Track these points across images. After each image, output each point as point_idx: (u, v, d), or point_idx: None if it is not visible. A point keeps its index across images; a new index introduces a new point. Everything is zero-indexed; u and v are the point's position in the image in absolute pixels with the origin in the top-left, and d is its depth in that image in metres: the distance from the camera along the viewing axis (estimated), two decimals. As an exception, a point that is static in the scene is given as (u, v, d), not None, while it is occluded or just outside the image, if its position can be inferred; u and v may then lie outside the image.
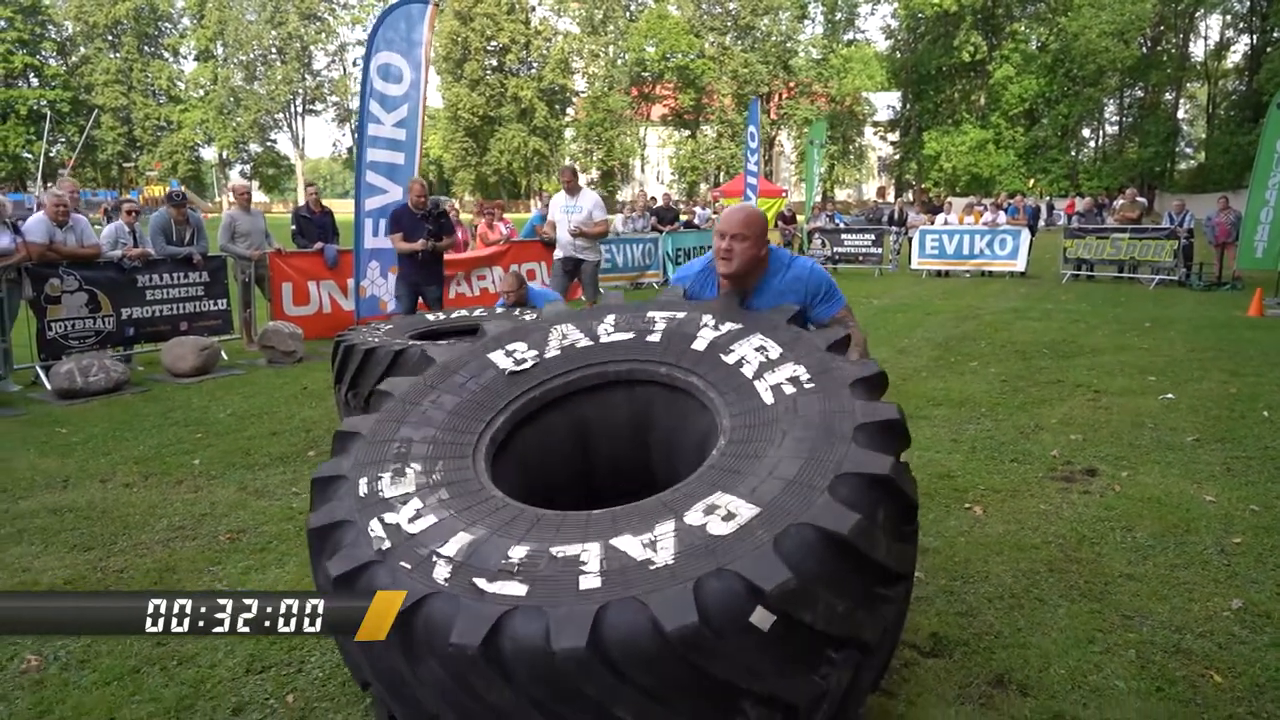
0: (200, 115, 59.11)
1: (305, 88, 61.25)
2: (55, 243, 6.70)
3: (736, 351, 2.22)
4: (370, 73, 7.10)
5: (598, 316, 2.52)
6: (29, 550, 3.43)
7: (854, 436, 1.81)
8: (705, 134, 56.72)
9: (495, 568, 1.63)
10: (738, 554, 1.55)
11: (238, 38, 58.76)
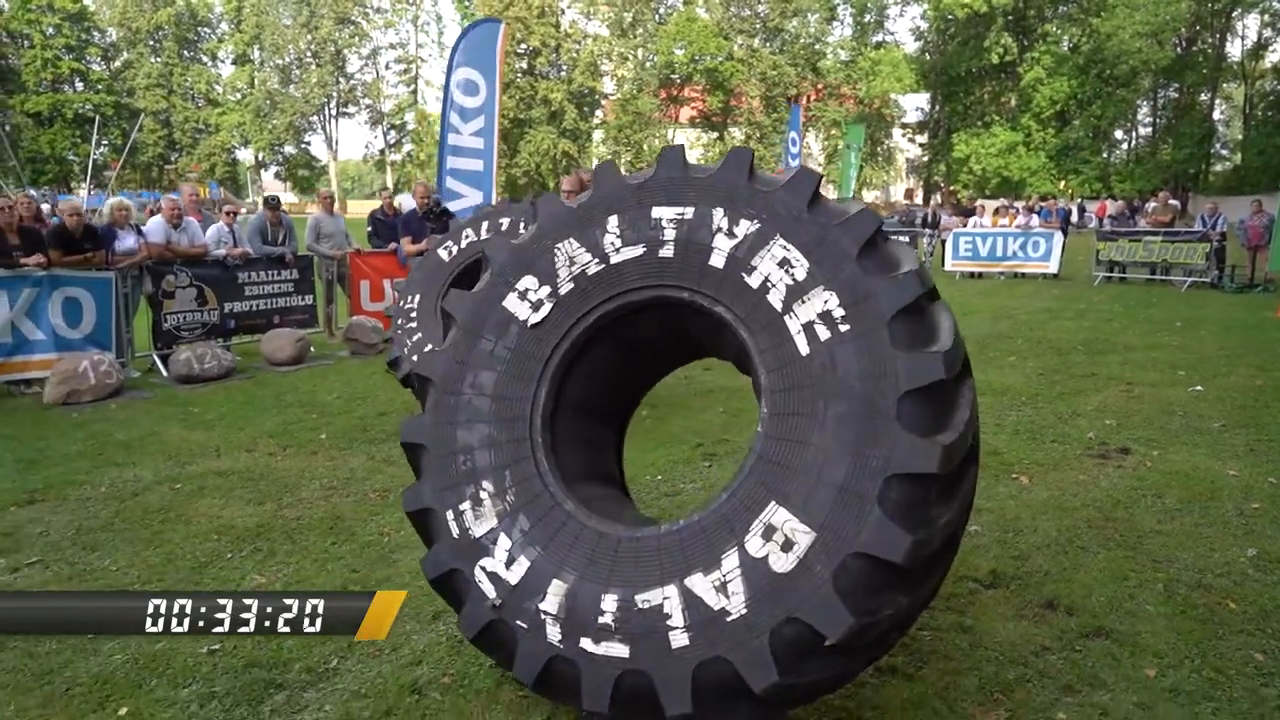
0: (237, 118, 60.44)
1: (339, 91, 62.36)
2: (171, 243, 7.38)
3: (759, 269, 2.03)
4: (451, 87, 7.72)
5: (598, 222, 2.25)
6: (214, 503, 4.05)
7: (899, 413, 1.78)
8: (733, 136, 57.14)
9: (595, 624, 1.93)
10: (802, 595, 1.75)
11: (274, 42, 60.03)
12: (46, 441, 5.22)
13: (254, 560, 3.41)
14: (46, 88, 53.98)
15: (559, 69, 57.32)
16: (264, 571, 3.30)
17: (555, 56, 56.83)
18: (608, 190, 2.26)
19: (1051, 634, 2.77)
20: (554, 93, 55.29)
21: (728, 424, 5.44)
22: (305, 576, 3.21)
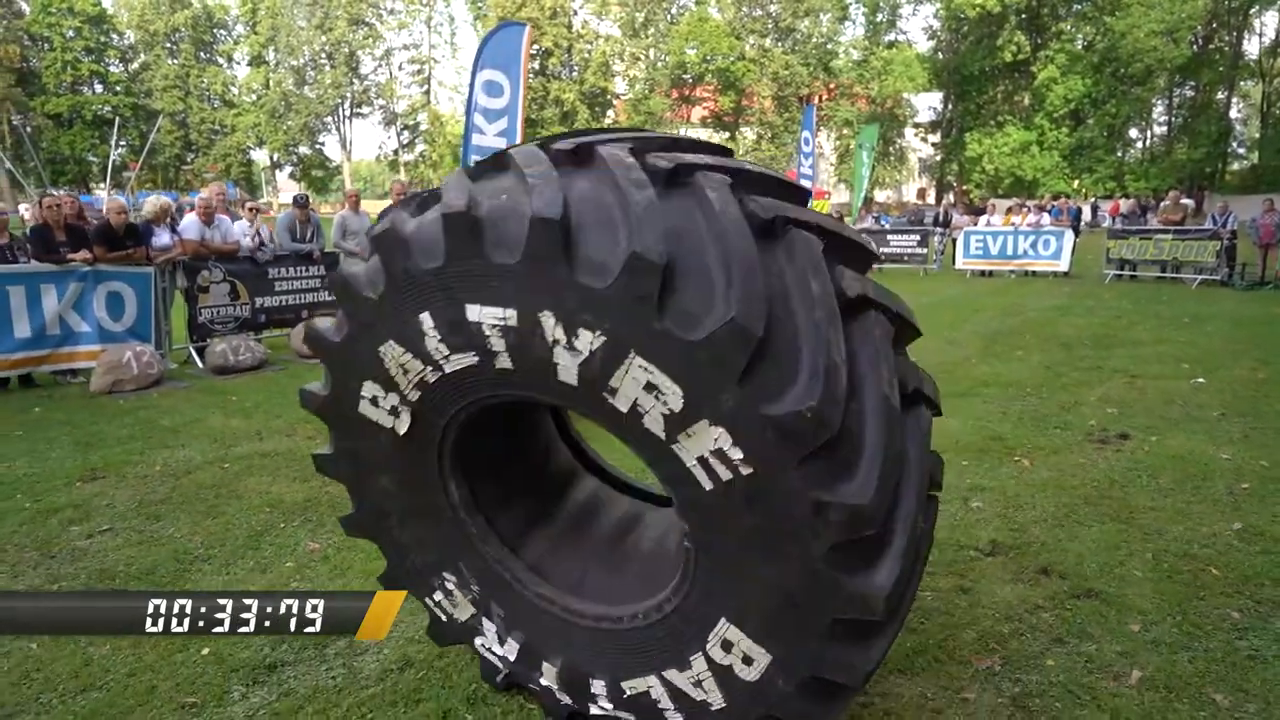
0: (253, 119, 61.01)
1: (353, 91, 62.87)
2: (205, 240, 7.68)
3: (623, 392, 1.65)
4: (475, 89, 7.98)
5: (410, 323, 1.84)
6: (263, 480, 4.33)
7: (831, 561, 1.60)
8: (745, 136, 57.33)
9: (596, 699, 2.07)
10: (774, 699, 1.80)
11: (288, 43, 60.58)
12: (98, 426, 5.51)
13: (305, 529, 3.68)
14: (66, 90, 54.72)
15: (571, 69, 57.65)
16: (315, 539, 3.57)
17: (567, 57, 57.18)
18: (403, 273, 1.81)
19: (1044, 595, 3.00)
20: (566, 93, 55.61)
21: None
22: (354, 544, 3.48)
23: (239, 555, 3.43)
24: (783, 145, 55.62)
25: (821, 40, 55.56)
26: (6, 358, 6.52)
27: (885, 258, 17.01)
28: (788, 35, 55.10)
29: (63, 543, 3.59)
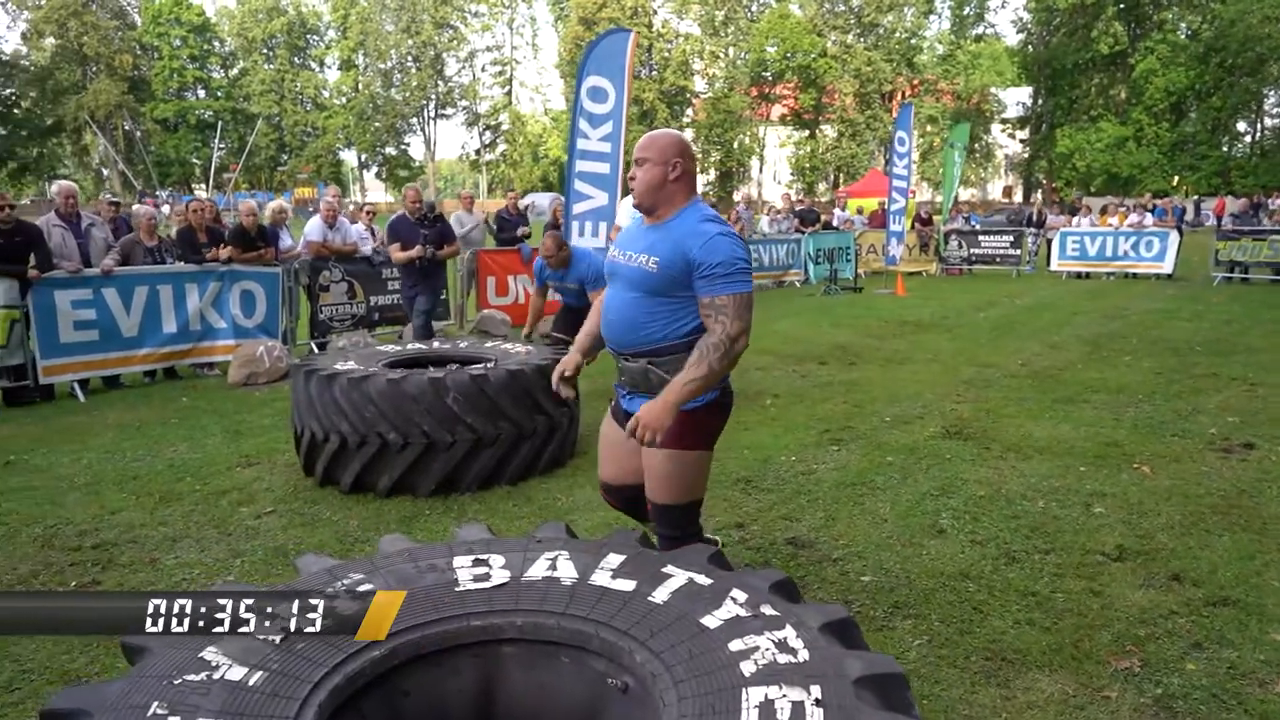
0: (342, 121, 63.20)
1: (437, 93, 64.52)
2: (327, 241, 8.14)
3: None
4: (581, 94, 8.23)
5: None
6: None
7: None
8: (825, 134, 56.67)
9: None
10: None
11: (376, 47, 62.56)
12: (242, 416, 5.95)
13: (449, 517, 3.95)
14: (172, 95, 57.74)
15: (650, 68, 57.94)
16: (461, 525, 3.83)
17: (647, 56, 57.47)
18: None
19: (1178, 601, 3.04)
20: (646, 92, 55.90)
21: (849, 413, 5.76)
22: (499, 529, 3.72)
23: (394, 538, 3.70)
24: (863, 143, 54.78)
25: (905, 35, 54.47)
26: (155, 351, 7.06)
27: (976, 259, 16.71)
28: (870, 30, 54.17)
29: (235, 522, 3.94)
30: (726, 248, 2.29)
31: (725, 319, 2.26)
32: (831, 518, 3.86)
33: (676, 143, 2.43)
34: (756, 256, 14.08)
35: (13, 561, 3.53)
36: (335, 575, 1.97)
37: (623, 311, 2.44)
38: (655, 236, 2.40)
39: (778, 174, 62.23)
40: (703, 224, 2.34)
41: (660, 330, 2.38)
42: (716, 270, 2.27)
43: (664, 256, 2.34)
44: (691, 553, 2.05)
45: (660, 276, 2.35)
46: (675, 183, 2.40)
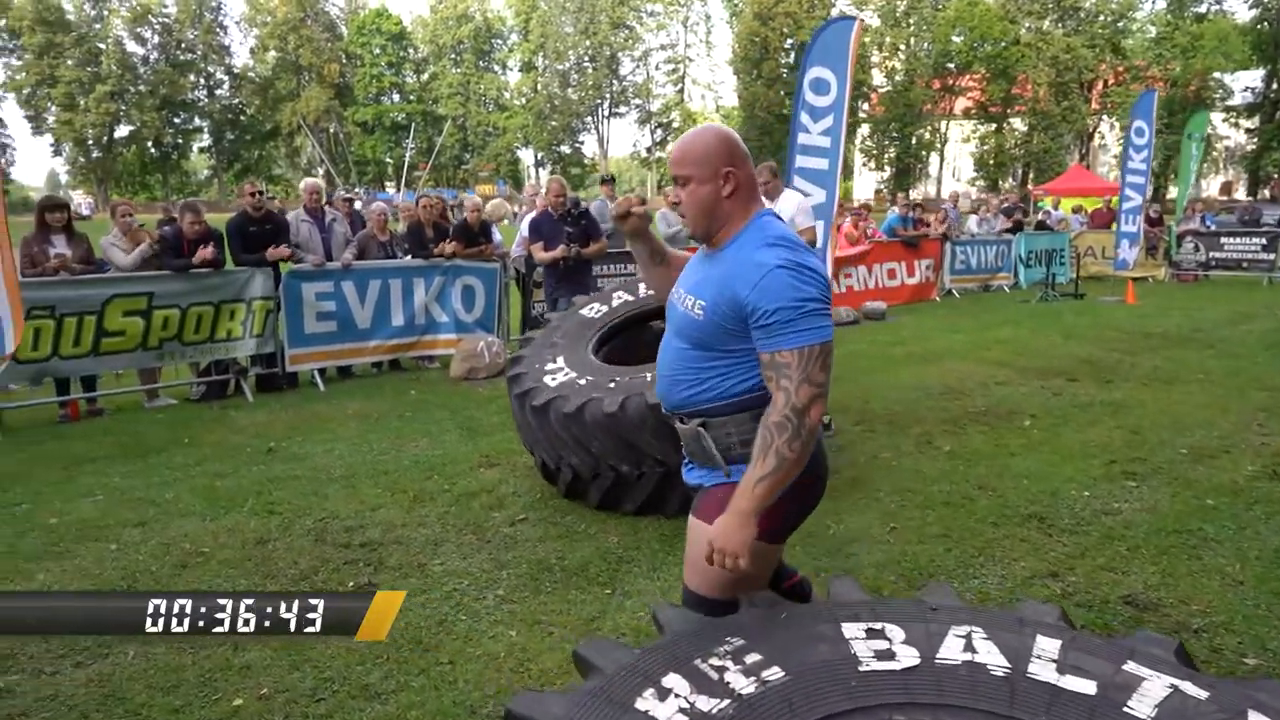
0: (521, 121, 65.69)
1: (611, 92, 65.77)
2: (542, 238, 8.17)
3: None
4: (803, 87, 7.80)
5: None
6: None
7: None
8: (1014, 127, 53.04)
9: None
10: None
11: (555, 49, 64.54)
12: (470, 412, 5.99)
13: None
14: (370, 100, 62.05)
15: (827, 62, 56.31)
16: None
17: (824, 50, 55.92)
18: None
19: None
20: (822, 87, 54.39)
21: (1130, 441, 5.03)
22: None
23: (661, 562, 3.46)
24: (1057, 136, 50.82)
25: (1111, 18, 49.96)
26: (384, 343, 7.30)
27: (1216, 263, 14.84)
28: (1070, 15, 50.10)
29: (491, 528, 3.84)
30: (788, 285, 1.68)
31: (789, 383, 1.68)
32: (1167, 574, 3.26)
33: (723, 145, 1.82)
34: (963, 258, 13.12)
35: (293, 555, 3.57)
36: (705, 637, 1.68)
37: (671, 364, 1.93)
38: (705, 272, 1.86)
39: (958, 170, 58.93)
40: (760, 252, 1.74)
41: (711, 390, 1.86)
42: (775, 317, 1.68)
43: (710, 299, 1.79)
44: (1149, 643, 1.62)
45: (707, 325, 1.81)
46: (731, 199, 1.82)
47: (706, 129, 1.86)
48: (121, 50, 54.07)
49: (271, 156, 61.54)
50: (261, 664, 2.72)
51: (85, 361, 5.98)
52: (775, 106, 55.23)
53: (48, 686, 2.60)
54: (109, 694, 2.56)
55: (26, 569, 3.47)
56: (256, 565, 3.48)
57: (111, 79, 52.71)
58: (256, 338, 6.62)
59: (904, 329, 9.70)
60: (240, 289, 6.51)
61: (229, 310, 6.48)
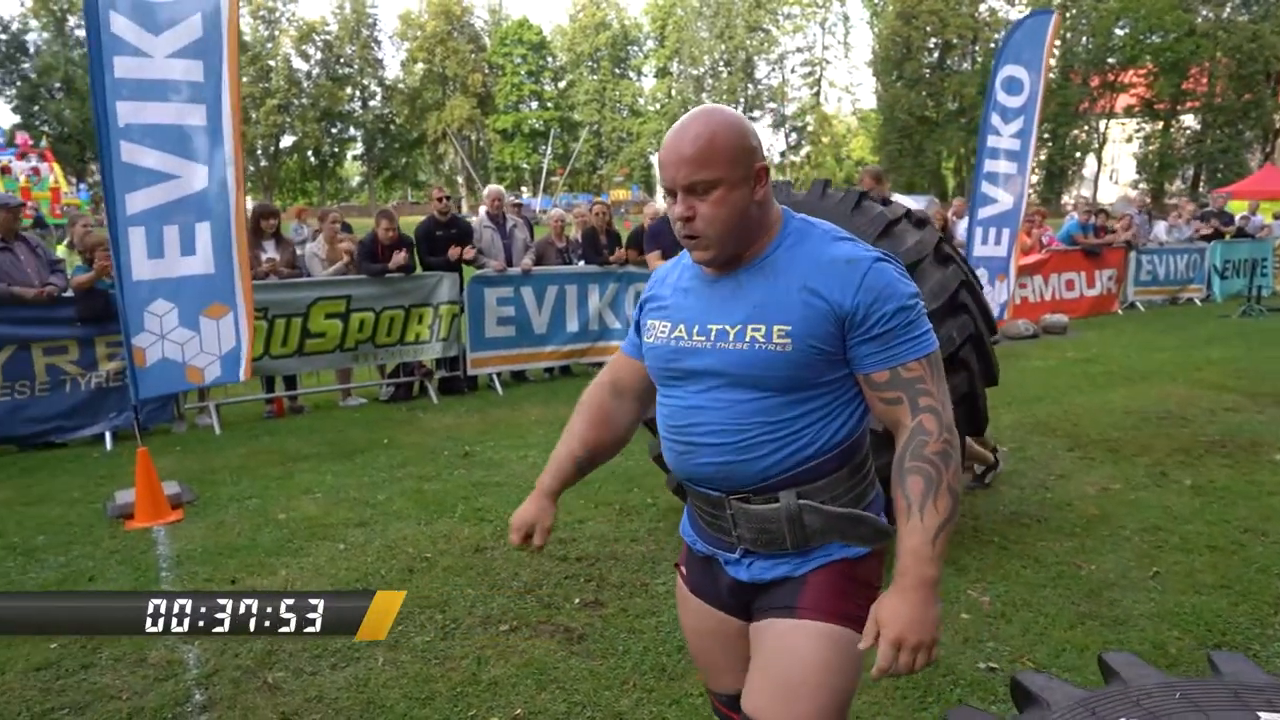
0: (655, 126, 66.20)
1: (746, 96, 65.33)
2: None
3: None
4: (995, 87, 7.35)
5: None
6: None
7: None
8: (1184, 125, 49.04)
9: None
10: None
11: (691, 54, 64.71)
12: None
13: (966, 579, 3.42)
14: (510, 108, 64.13)
15: (974, 59, 53.90)
16: (978, 586, 3.28)
17: (971, 47, 53.54)
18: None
19: None
20: (968, 86, 52.08)
21: None
22: (1028, 601, 3.11)
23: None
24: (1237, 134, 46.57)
25: (1306, 2, 45.35)
26: (559, 349, 7.37)
27: None
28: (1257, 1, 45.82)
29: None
30: (896, 280, 1.36)
31: (932, 400, 1.34)
32: None
33: (751, 133, 1.38)
34: (1149, 268, 12.10)
35: (512, 565, 3.57)
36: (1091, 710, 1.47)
37: (736, 427, 1.40)
38: (756, 292, 1.39)
39: (1116, 173, 55.03)
40: (838, 247, 1.39)
41: (809, 445, 1.40)
42: (896, 320, 1.33)
43: (794, 318, 1.35)
44: None
45: (799, 357, 1.35)
46: (764, 201, 1.40)
47: (717, 115, 1.36)
48: (289, 66, 58.07)
49: (417, 164, 64.62)
50: (508, 681, 2.69)
51: (291, 361, 6.31)
52: (917, 109, 53.31)
53: (312, 687, 2.66)
54: (369, 700, 2.59)
55: (269, 563, 3.61)
56: (480, 574, 3.49)
57: (279, 93, 56.68)
58: (442, 341, 6.81)
59: (1091, 344, 8.99)
60: (429, 293, 6.71)
61: (418, 314, 6.69)
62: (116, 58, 4.23)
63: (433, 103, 61.53)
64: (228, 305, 4.67)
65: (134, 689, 2.62)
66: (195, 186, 4.48)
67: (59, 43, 50.48)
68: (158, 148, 4.37)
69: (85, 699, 2.57)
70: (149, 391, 4.58)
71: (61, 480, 4.85)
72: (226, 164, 4.55)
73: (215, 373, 4.66)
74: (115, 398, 5.75)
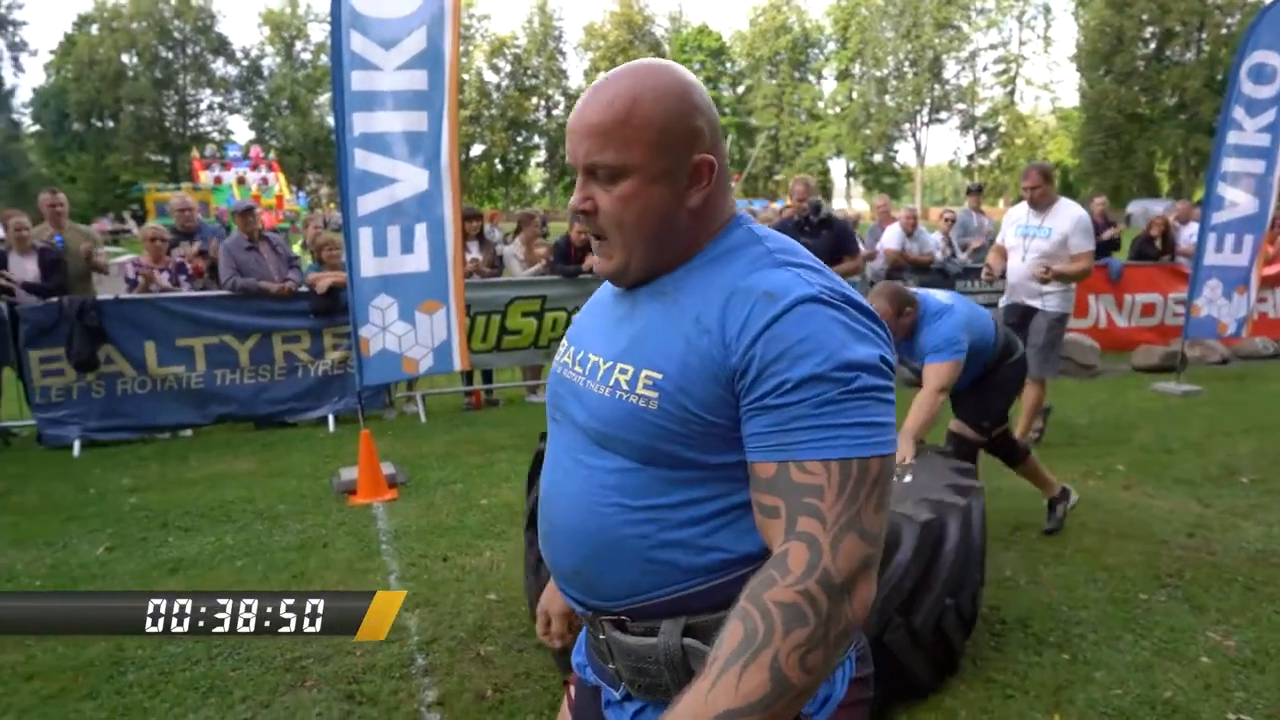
0: (834, 130, 64.79)
1: (933, 97, 62.58)
2: (905, 250, 7.77)
3: None
4: (1239, 76, 6.61)
5: None
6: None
7: None
8: None
9: None
10: None
11: (874, 55, 62.76)
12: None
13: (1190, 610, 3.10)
14: (689, 114, 64.89)
15: (1199, 48, 48.77)
16: (1219, 628, 2.96)
17: (1196, 35, 48.47)
18: None
19: None
20: (1191, 79, 47.23)
21: None
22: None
23: (1116, 633, 2.98)
24: None
25: None
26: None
27: None
28: None
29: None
30: (826, 332, 0.88)
31: (818, 524, 0.85)
32: None
33: (687, 105, 0.97)
34: None
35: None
36: None
37: (591, 508, 1.00)
38: (642, 319, 1.00)
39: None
40: (764, 275, 0.94)
41: (707, 548, 0.96)
42: (805, 394, 0.86)
43: (676, 367, 0.94)
44: None
45: (668, 419, 0.94)
46: (701, 210, 1.00)
47: (651, 74, 0.97)
48: (480, 79, 61.74)
49: (596, 171, 66.74)
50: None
51: (490, 356, 6.68)
52: (1128, 105, 48.94)
53: (520, 663, 2.79)
54: (573, 682, 2.68)
55: (475, 545, 3.83)
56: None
57: (471, 104, 60.38)
58: (629, 341, 6.97)
59: (1350, 368, 7.90)
60: (617, 295, 6.89)
61: (606, 314, 6.88)
62: (354, 73, 4.64)
63: (614, 111, 63.33)
64: (441, 301, 5.00)
65: (366, 647, 2.86)
66: (415, 190, 4.84)
67: (288, 66, 56.35)
68: (385, 154, 4.75)
69: (327, 652, 2.83)
70: (371, 379, 4.98)
71: (295, 457, 5.39)
72: (444, 168, 4.88)
73: (429, 363, 5.00)
74: (338, 384, 6.32)
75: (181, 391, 5.96)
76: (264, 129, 55.68)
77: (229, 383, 6.07)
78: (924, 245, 7.91)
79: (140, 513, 4.33)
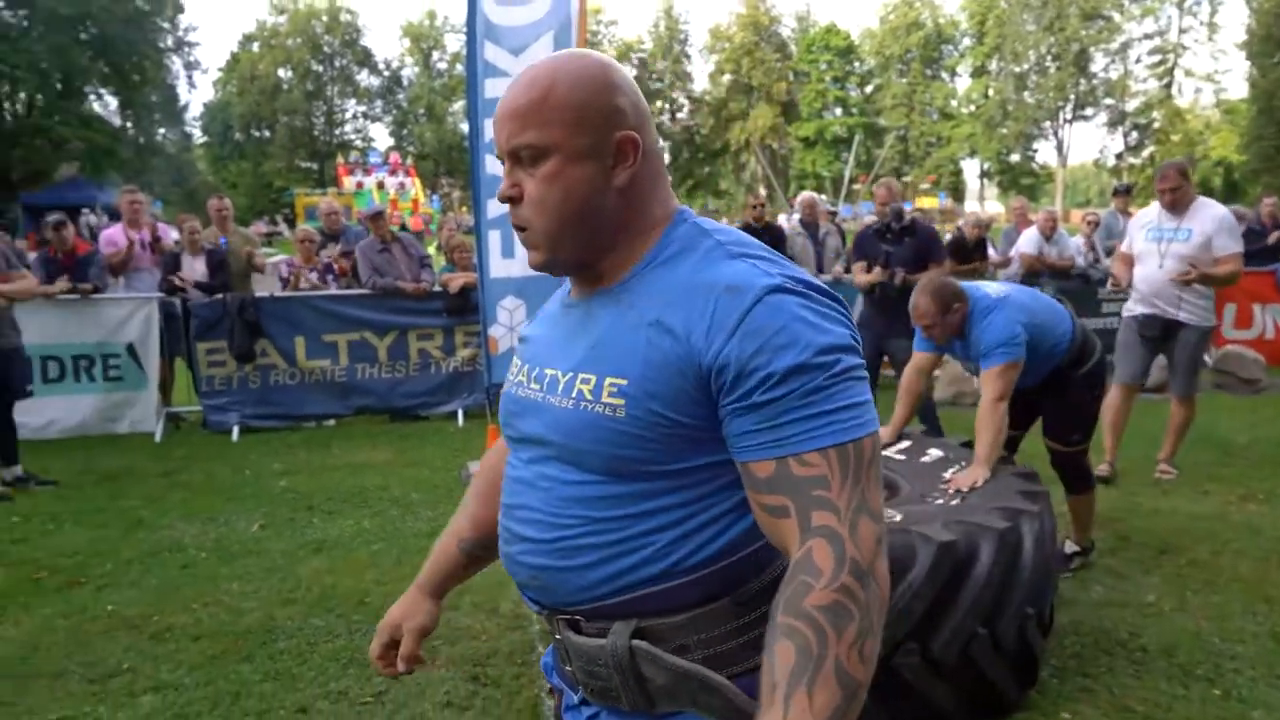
0: (968, 130, 62.17)
1: (1078, 92, 59.10)
2: (1043, 254, 7.42)
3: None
4: None
5: None
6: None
7: None
8: None
9: None
10: None
11: (1013, 49, 59.82)
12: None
13: None
14: (814, 115, 63.80)
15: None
16: None
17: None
18: None
19: None
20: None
21: None
22: None
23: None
24: None
25: None
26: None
27: None
28: None
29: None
30: (800, 322, 0.86)
31: (833, 515, 0.83)
32: None
33: (604, 84, 0.96)
34: None
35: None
36: None
37: (553, 519, 0.98)
38: (599, 326, 0.98)
39: None
40: (724, 267, 0.92)
41: (661, 554, 0.94)
42: (791, 385, 0.84)
43: (632, 371, 0.92)
44: None
45: (637, 425, 0.91)
46: (631, 189, 0.97)
47: (570, 61, 0.98)
48: (608, 85, 62.82)
49: (720, 173, 66.64)
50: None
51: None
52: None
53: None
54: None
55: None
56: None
57: (598, 110, 61.53)
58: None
59: None
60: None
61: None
62: (487, 80, 4.84)
63: (737, 112, 63.07)
64: (562, 303, 5.15)
65: (490, 633, 2.99)
66: (539, 192, 4.99)
67: (425, 75, 59.18)
68: (512, 158, 4.93)
69: (454, 635, 2.99)
70: (500, 376, 5.18)
71: (427, 449, 5.68)
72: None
73: (549, 363, 5.15)
74: (466, 381, 6.61)
75: (326, 383, 6.38)
76: (402, 136, 58.63)
77: (368, 376, 6.46)
78: (1063, 250, 7.51)
79: (289, 495, 4.69)
